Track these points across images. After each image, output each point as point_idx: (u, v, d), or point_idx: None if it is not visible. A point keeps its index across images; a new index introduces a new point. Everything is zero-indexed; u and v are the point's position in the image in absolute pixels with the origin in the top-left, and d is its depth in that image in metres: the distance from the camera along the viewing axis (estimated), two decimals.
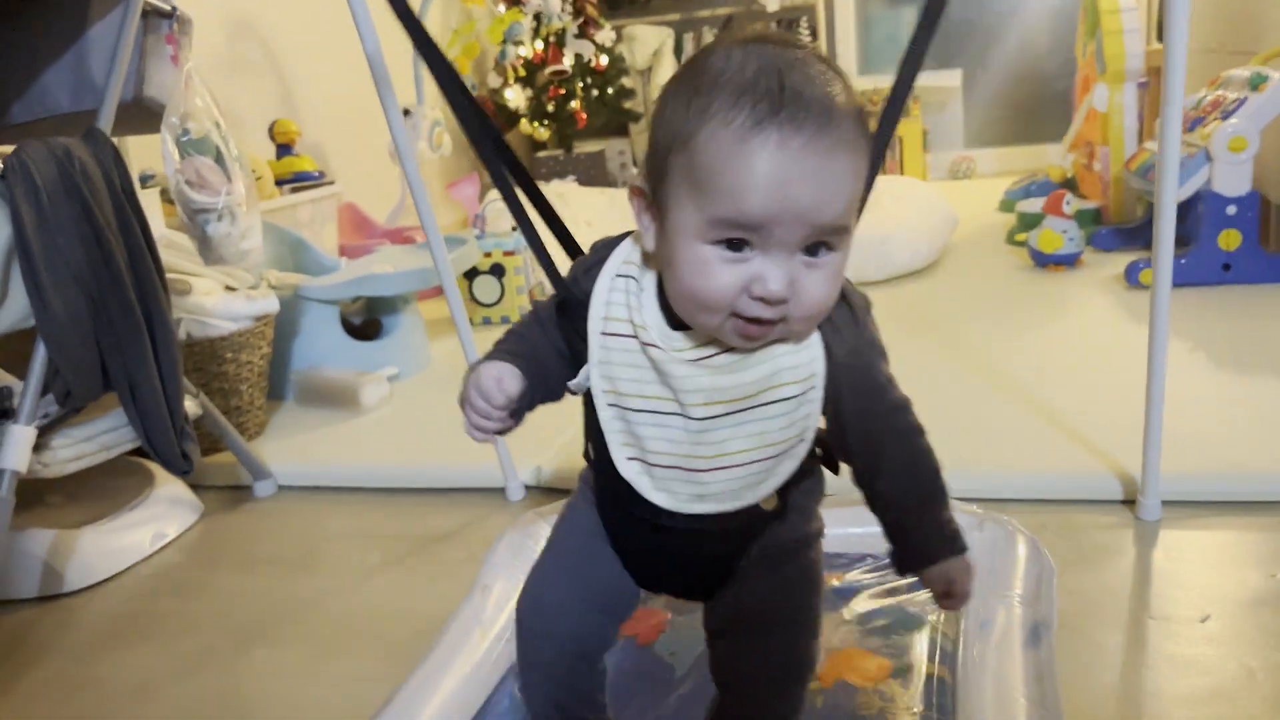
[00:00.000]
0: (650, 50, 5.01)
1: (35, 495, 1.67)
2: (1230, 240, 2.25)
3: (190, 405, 1.55)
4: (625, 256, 0.72)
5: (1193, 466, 1.42)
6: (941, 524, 0.72)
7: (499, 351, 0.74)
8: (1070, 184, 3.23)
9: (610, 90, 4.55)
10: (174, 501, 1.69)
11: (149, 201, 2.16)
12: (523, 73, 4.26)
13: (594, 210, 2.98)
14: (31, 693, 1.23)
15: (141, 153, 2.10)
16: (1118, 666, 1.07)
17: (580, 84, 4.39)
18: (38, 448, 1.35)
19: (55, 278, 1.29)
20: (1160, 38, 3.63)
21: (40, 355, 1.31)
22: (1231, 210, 2.23)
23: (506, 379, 0.70)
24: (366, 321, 2.35)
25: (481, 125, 0.74)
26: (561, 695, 0.81)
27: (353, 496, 1.76)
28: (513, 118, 4.38)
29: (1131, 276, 2.35)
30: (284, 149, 2.86)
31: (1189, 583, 1.20)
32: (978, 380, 1.89)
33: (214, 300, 1.85)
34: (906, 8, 4.91)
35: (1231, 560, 1.26)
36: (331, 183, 2.95)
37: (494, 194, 3.75)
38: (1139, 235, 2.70)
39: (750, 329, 0.64)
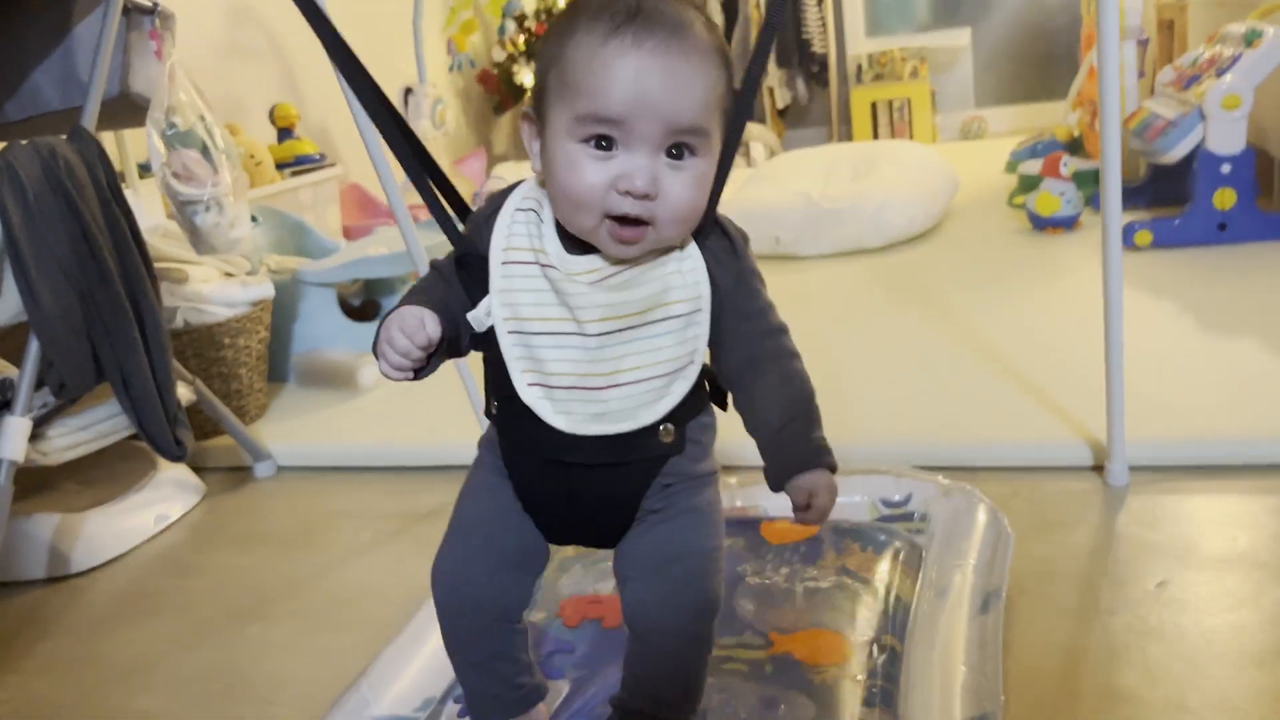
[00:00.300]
0: None
1: (44, 480, 1.74)
2: (1225, 199, 2.23)
3: (184, 391, 1.60)
4: (524, 194, 0.78)
5: (1164, 432, 1.43)
6: (810, 439, 0.77)
7: (412, 302, 0.76)
8: (1077, 143, 3.20)
9: None
10: (177, 484, 1.75)
11: (148, 192, 2.21)
12: (523, 48, 4.26)
13: None
14: (38, 669, 1.30)
15: (141, 144, 2.15)
16: (1070, 630, 1.09)
17: None
18: (36, 437, 1.41)
19: (44, 274, 1.34)
20: None
21: (33, 348, 1.37)
22: (1226, 169, 2.21)
23: (428, 320, 0.72)
24: (365, 302, 2.39)
25: (374, 96, 0.81)
26: (485, 658, 0.84)
27: (350, 475, 1.81)
28: (519, 91, 4.39)
29: (1127, 238, 2.34)
30: (285, 133, 2.90)
31: (1151, 547, 1.22)
32: (962, 349, 1.90)
33: (211, 288, 1.90)
34: None
35: (1196, 524, 1.28)
36: (333, 165, 2.99)
37: (495, 171, 3.78)
38: (1140, 195, 2.68)
39: (623, 231, 0.70)
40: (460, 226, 0.86)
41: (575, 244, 0.74)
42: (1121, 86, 2.77)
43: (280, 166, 2.81)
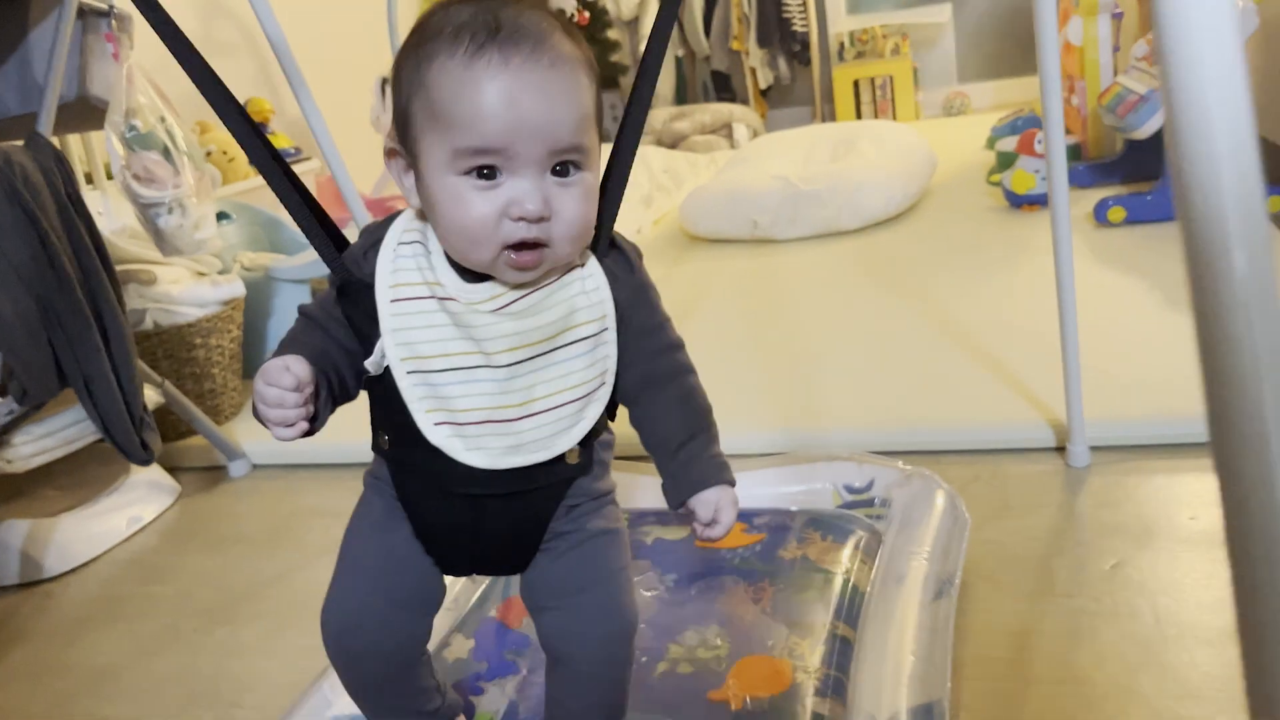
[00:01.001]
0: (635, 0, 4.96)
1: (20, 487, 1.75)
2: None
3: (151, 394, 1.60)
4: (404, 227, 0.73)
5: (1128, 411, 1.44)
6: (711, 456, 0.77)
7: (279, 354, 0.71)
8: None
9: (595, 43, 4.52)
10: (151, 485, 1.76)
11: (118, 193, 2.20)
12: None
13: None
14: (8, 677, 1.31)
15: None
16: (1025, 614, 1.10)
17: None
18: (0, 445, 1.41)
19: (2, 282, 1.34)
20: None
21: None
22: None
23: (293, 364, 0.67)
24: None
25: (235, 113, 0.75)
26: (392, 701, 0.82)
27: (323, 472, 1.82)
28: None
29: (1100, 214, 2.34)
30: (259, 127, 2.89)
31: (1109, 528, 1.23)
32: (931, 332, 1.90)
33: (180, 288, 1.90)
34: None
35: (1156, 504, 1.28)
36: (308, 159, 2.98)
37: None
38: (1115, 170, 2.67)
39: (521, 257, 0.67)
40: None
41: (470, 272, 0.71)
42: (1096, 61, 2.76)
43: None
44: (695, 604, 1.13)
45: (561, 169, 0.67)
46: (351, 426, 1.93)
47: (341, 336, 0.73)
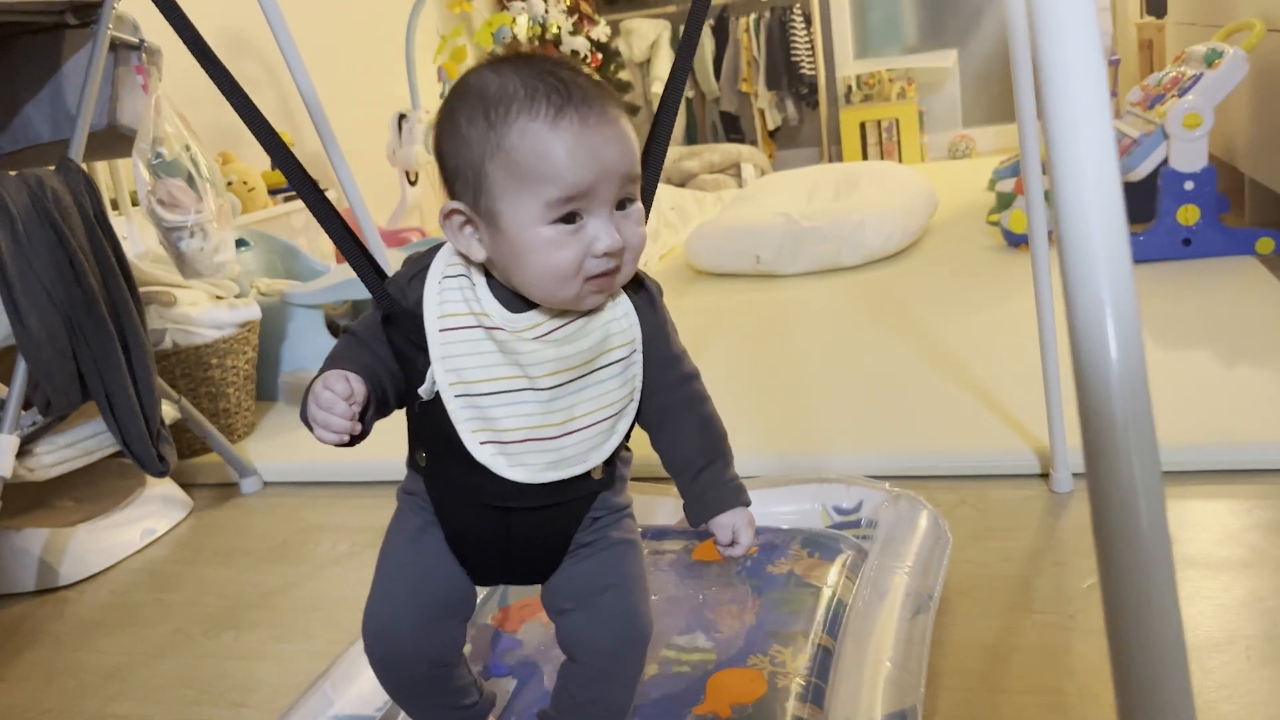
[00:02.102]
0: (648, 42, 5.08)
1: (39, 497, 1.80)
2: (1189, 215, 2.28)
3: (168, 410, 1.67)
4: (448, 261, 0.78)
5: None
6: (727, 480, 0.83)
7: (332, 368, 0.75)
8: None
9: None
10: (165, 499, 1.82)
11: (142, 218, 2.28)
12: None
13: None
14: (22, 676, 1.35)
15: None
16: (1002, 630, 1.14)
17: None
18: (23, 454, 1.47)
19: (31, 299, 1.41)
20: (1148, 11, 3.63)
21: (20, 369, 1.43)
22: (1189, 186, 2.27)
23: (351, 378, 0.72)
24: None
25: (279, 150, 0.83)
26: (428, 700, 0.88)
27: (332, 490, 1.87)
28: None
29: None
30: None
31: (1087, 551, 1.27)
32: (923, 364, 1.95)
33: (199, 310, 1.97)
34: None
35: None
36: (326, 190, 3.06)
37: None
38: None
39: (599, 283, 0.75)
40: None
41: (513, 303, 0.76)
42: None
43: (274, 192, 2.88)
44: (683, 612, 1.17)
45: (622, 203, 0.74)
46: (359, 447, 1.98)
47: (385, 357, 0.78)
